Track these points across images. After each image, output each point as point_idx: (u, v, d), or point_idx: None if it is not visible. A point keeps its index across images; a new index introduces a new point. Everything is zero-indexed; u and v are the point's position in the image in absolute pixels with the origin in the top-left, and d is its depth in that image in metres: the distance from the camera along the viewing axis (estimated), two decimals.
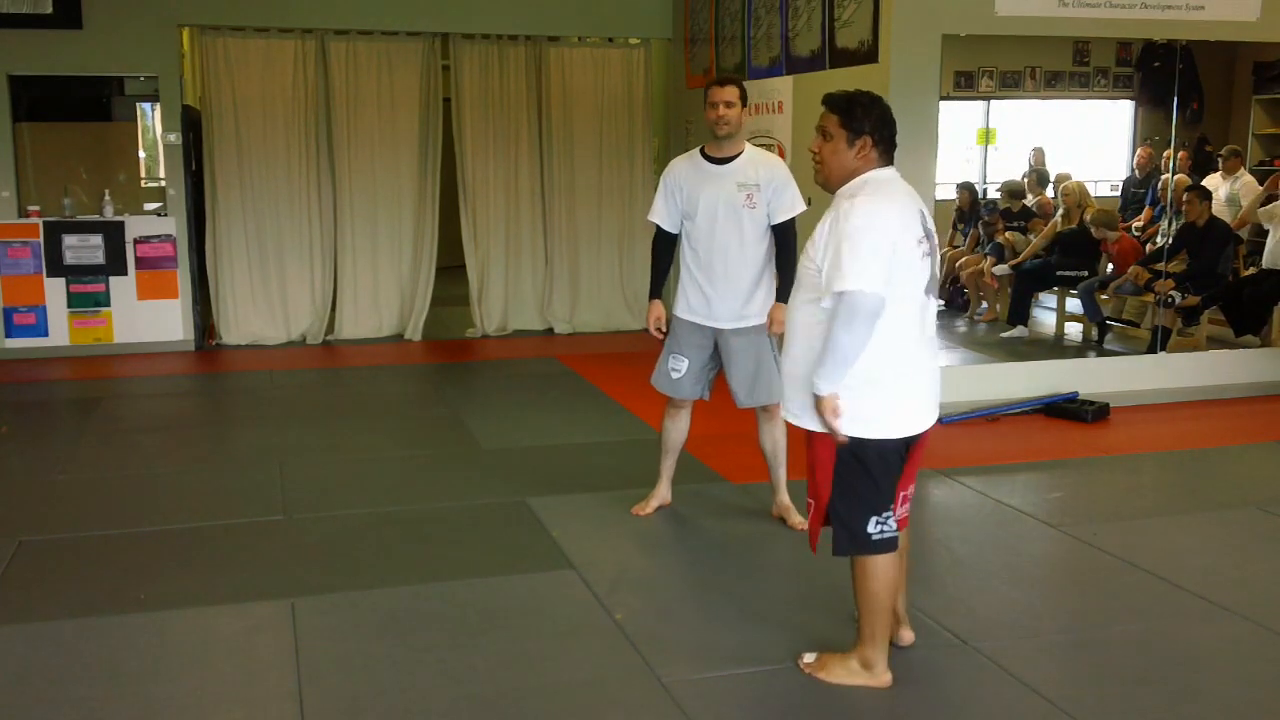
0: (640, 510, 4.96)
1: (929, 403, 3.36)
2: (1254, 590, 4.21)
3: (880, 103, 3.31)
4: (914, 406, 3.30)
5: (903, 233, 3.17)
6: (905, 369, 3.25)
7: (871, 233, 3.12)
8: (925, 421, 3.36)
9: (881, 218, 3.16)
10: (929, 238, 3.28)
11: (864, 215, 3.15)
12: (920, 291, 3.24)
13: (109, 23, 8.31)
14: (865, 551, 3.32)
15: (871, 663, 3.42)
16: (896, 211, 3.20)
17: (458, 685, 3.46)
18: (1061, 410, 6.68)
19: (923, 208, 3.32)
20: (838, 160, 3.30)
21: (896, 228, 3.17)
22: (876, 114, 3.27)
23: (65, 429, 6.71)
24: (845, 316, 3.11)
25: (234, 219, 8.90)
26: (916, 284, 3.23)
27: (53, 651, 3.69)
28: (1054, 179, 9.40)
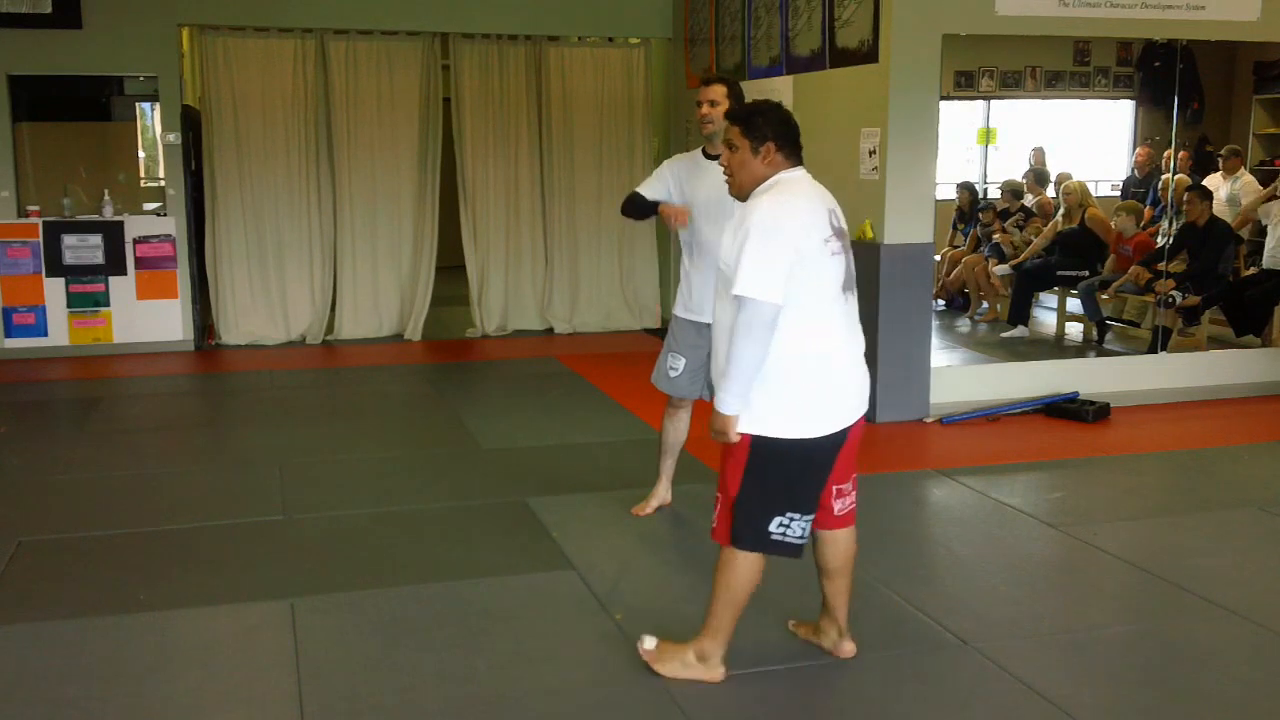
0: (640, 510, 4.96)
1: (851, 399, 3.34)
2: (1254, 590, 4.21)
3: (779, 109, 3.38)
4: (832, 405, 3.27)
5: (806, 233, 3.18)
6: (820, 368, 3.23)
7: (773, 238, 3.13)
8: (847, 418, 3.33)
9: (785, 218, 3.17)
10: (839, 236, 3.30)
11: (769, 214, 3.18)
12: (834, 289, 3.26)
13: (108, 22, 8.31)
14: (763, 549, 3.30)
15: (707, 655, 3.40)
16: (801, 210, 3.22)
17: (458, 685, 3.46)
18: (1062, 410, 6.68)
19: (833, 207, 3.35)
20: (746, 170, 3.34)
21: (797, 228, 3.16)
22: (776, 120, 3.32)
23: (65, 429, 6.70)
24: (743, 327, 3.13)
25: (233, 219, 8.90)
26: (827, 283, 3.23)
27: (53, 651, 3.69)
28: (1054, 179, 9.41)
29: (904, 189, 6.44)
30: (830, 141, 6.97)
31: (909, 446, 6.22)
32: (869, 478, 5.65)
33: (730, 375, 3.17)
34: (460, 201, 9.39)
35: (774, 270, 3.10)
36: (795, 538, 3.29)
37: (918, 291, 6.57)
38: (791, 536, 3.29)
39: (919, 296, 6.58)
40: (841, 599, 3.58)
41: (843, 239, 3.32)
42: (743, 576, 3.34)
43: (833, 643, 3.62)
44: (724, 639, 3.40)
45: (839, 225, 3.33)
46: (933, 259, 6.82)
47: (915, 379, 6.61)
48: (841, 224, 3.35)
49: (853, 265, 3.36)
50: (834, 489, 3.44)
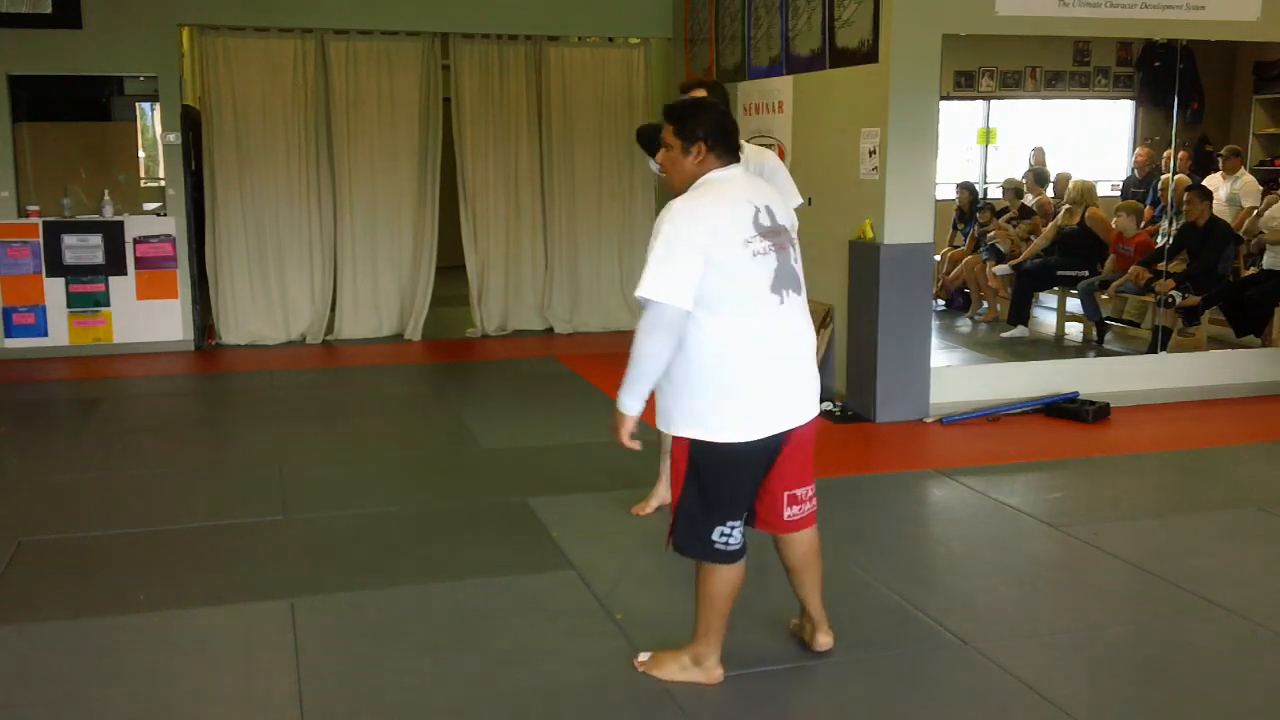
0: (641, 510, 4.96)
1: (788, 402, 3.27)
2: (1254, 590, 4.21)
3: (714, 109, 3.35)
4: (766, 408, 3.21)
5: (717, 236, 3.11)
6: (749, 372, 3.18)
7: (679, 241, 3.10)
8: (783, 422, 3.26)
9: (693, 221, 3.13)
10: (769, 235, 3.20)
11: (678, 217, 3.15)
12: (759, 291, 3.17)
13: (108, 22, 8.30)
14: (708, 559, 3.30)
15: (702, 658, 3.41)
16: (713, 212, 3.16)
17: (458, 685, 3.46)
18: (1062, 410, 6.68)
19: (766, 204, 3.25)
20: (678, 169, 3.32)
21: (705, 231, 3.11)
22: (709, 120, 3.29)
23: (65, 429, 6.70)
24: (644, 328, 3.12)
25: (234, 219, 8.89)
26: (748, 285, 3.16)
27: (53, 651, 3.69)
28: (1053, 178, 9.42)
29: (904, 189, 6.44)
30: (830, 141, 6.98)
31: (909, 446, 6.22)
32: (869, 478, 5.67)
33: (630, 375, 3.17)
34: (460, 201, 9.39)
35: (676, 274, 3.07)
36: (735, 545, 3.30)
37: (918, 291, 6.57)
38: (733, 544, 3.29)
39: (919, 296, 6.58)
40: (810, 593, 3.57)
41: (774, 238, 3.21)
42: (719, 584, 3.34)
43: (810, 636, 3.62)
44: (715, 641, 3.40)
45: (771, 224, 3.22)
46: (933, 259, 6.82)
47: (915, 379, 6.61)
48: (777, 222, 3.25)
49: (793, 264, 3.26)
50: (785, 495, 3.37)
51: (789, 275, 3.24)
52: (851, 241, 6.72)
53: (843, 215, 6.80)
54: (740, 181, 3.31)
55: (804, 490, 3.41)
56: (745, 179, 3.35)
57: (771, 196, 3.33)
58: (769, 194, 3.35)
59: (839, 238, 6.81)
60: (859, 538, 4.73)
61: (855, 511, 5.11)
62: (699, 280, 3.09)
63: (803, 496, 3.41)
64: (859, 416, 6.65)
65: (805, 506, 3.43)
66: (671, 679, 3.43)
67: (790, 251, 3.27)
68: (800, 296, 3.29)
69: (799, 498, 3.40)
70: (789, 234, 3.30)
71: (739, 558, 3.32)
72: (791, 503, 3.39)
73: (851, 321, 6.73)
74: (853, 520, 4.97)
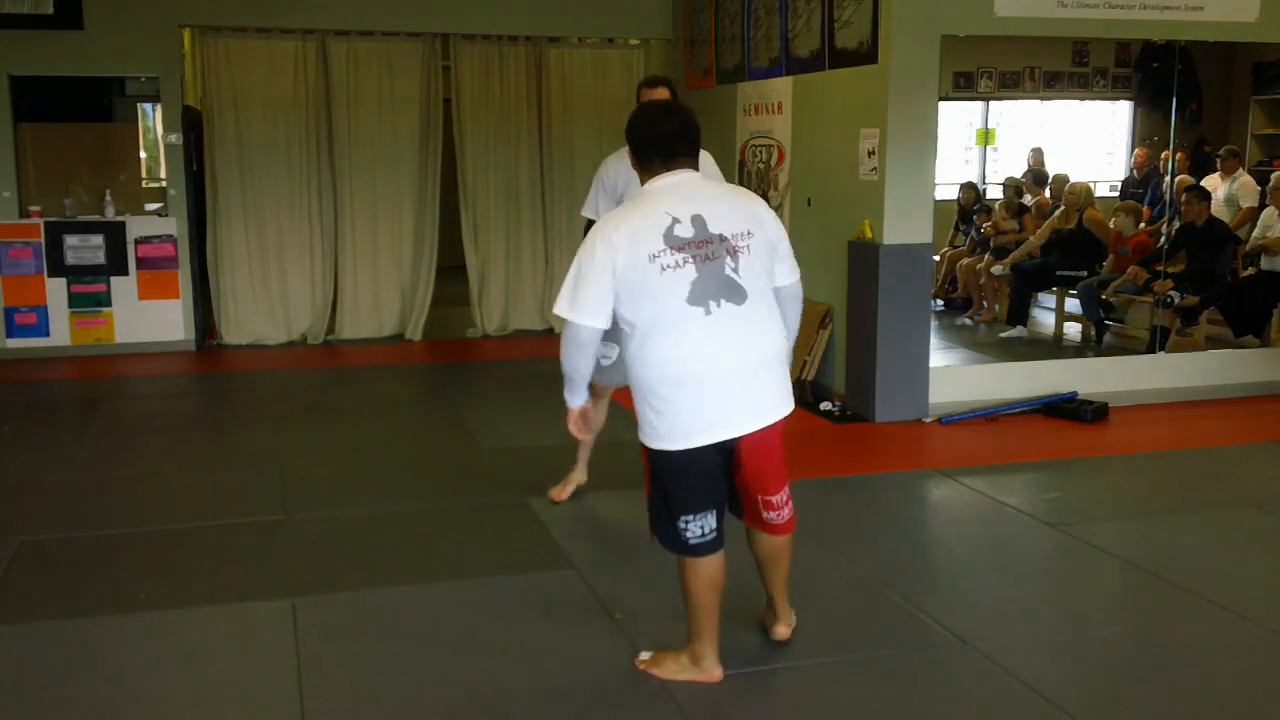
0: (558, 495, 5.08)
1: (727, 411, 3.20)
2: (1254, 590, 4.22)
3: (637, 118, 3.36)
4: (701, 419, 3.19)
5: (620, 254, 3.13)
6: (677, 385, 3.16)
7: (590, 262, 3.16)
8: (723, 431, 3.21)
9: (599, 240, 3.17)
10: (686, 246, 3.14)
11: (594, 239, 3.20)
12: (674, 304, 3.13)
13: (110, 23, 8.31)
14: (679, 552, 3.36)
15: (700, 657, 3.43)
16: (625, 229, 3.16)
17: (458, 685, 3.47)
18: (1061, 410, 6.68)
19: (695, 213, 3.18)
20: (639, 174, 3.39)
21: (607, 250, 3.14)
22: (634, 131, 3.34)
23: (66, 429, 6.71)
24: (563, 340, 3.27)
25: (235, 219, 8.90)
26: (661, 298, 3.13)
27: (53, 651, 3.69)
28: (1051, 179, 9.42)
29: (903, 190, 6.44)
30: (830, 142, 6.99)
31: (908, 446, 6.23)
32: (868, 478, 5.68)
33: (566, 381, 3.37)
34: (460, 202, 9.40)
35: (583, 293, 3.16)
36: (696, 538, 3.32)
37: (917, 292, 6.57)
38: (693, 538, 3.32)
39: (918, 297, 6.59)
40: (775, 587, 3.61)
41: (690, 249, 3.14)
42: (698, 579, 3.36)
43: (770, 624, 3.69)
44: (710, 639, 3.41)
45: (696, 234, 3.15)
46: (932, 259, 6.83)
47: (914, 379, 6.61)
48: (707, 231, 3.17)
49: (728, 273, 3.17)
50: (760, 499, 3.38)
51: (717, 285, 3.16)
52: (851, 242, 6.72)
53: (842, 216, 6.81)
54: (670, 191, 3.25)
55: (777, 497, 3.41)
56: (683, 186, 3.27)
57: (712, 203, 3.25)
58: (711, 200, 3.26)
59: (838, 238, 6.82)
60: (859, 538, 4.74)
61: (855, 511, 5.12)
62: (610, 298, 3.16)
63: (778, 503, 3.42)
64: (858, 416, 6.66)
65: (783, 512, 3.44)
66: (671, 678, 3.44)
67: (724, 261, 3.17)
68: (741, 305, 3.18)
69: (774, 504, 3.41)
70: (728, 242, 3.19)
71: (711, 550, 3.34)
72: (768, 508, 3.42)
73: (851, 322, 6.74)
74: (853, 520, 4.98)
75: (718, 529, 3.34)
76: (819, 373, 7.04)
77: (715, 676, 3.42)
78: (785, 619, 3.68)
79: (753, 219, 3.28)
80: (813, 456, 5.89)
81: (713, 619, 3.39)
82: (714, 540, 3.33)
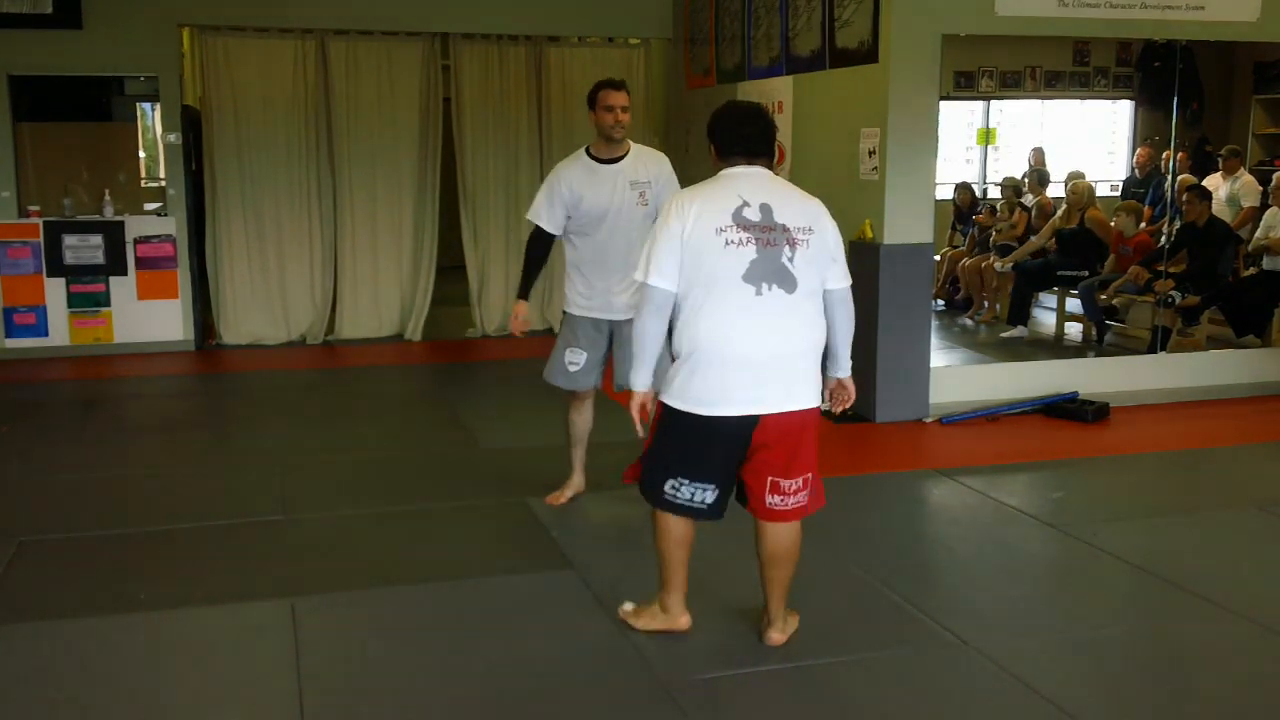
0: (556, 500, 5.08)
1: (750, 390, 3.39)
2: (1254, 590, 4.21)
3: (722, 114, 3.59)
4: (721, 390, 3.38)
5: (692, 224, 3.37)
6: (709, 353, 3.37)
7: (665, 230, 3.41)
8: (743, 407, 3.40)
9: (674, 214, 3.42)
10: (749, 228, 3.38)
11: (669, 210, 3.46)
12: (730, 278, 3.35)
13: (109, 22, 8.30)
14: (654, 504, 3.57)
15: (667, 606, 3.68)
16: (700, 203, 3.41)
17: (458, 685, 3.46)
18: (1062, 410, 6.68)
19: (763, 201, 3.42)
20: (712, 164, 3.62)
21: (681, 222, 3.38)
22: (716, 124, 3.58)
23: (65, 429, 6.70)
24: (639, 305, 3.49)
25: (234, 219, 8.89)
26: (719, 274, 3.36)
27: (53, 651, 3.69)
28: (1067, 177, 9.40)
29: (904, 189, 6.44)
30: (830, 141, 6.98)
31: (909, 446, 6.23)
32: (869, 478, 5.67)
33: (635, 354, 3.51)
34: (460, 201, 9.39)
35: (658, 258, 3.40)
36: (684, 500, 3.50)
37: (917, 291, 6.57)
38: (681, 499, 3.51)
39: (919, 296, 6.59)
40: (773, 591, 3.65)
41: (759, 231, 3.38)
42: (659, 533, 3.62)
43: (763, 629, 3.70)
44: (675, 590, 3.65)
45: (761, 219, 3.39)
46: (932, 259, 6.82)
47: (915, 379, 6.61)
48: (772, 219, 3.40)
49: (784, 261, 3.39)
50: (769, 480, 3.48)
51: (773, 270, 3.37)
52: (851, 241, 6.71)
53: (842, 215, 6.71)
54: (745, 178, 3.49)
55: (790, 482, 3.50)
56: (757, 177, 3.50)
57: (780, 197, 3.47)
58: (779, 194, 3.48)
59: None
60: (859, 538, 4.73)
61: (855, 511, 5.11)
62: (678, 263, 3.39)
63: (787, 489, 3.50)
64: (859, 416, 6.65)
65: (790, 500, 3.52)
66: (644, 628, 3.71)
67: (782, 249, 3.38)
68: (790, 294, 3.39)
69: (783, 488, 3.50)
70: (790, 233, 3.40)
71: (683, 513, 3.54)
72: (774, 490, 3.50)
73: None
74: (853, 520, 4.97)
75: (710, 505, 3.52)
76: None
77: (682, 625, 3.67)
78: (778, 625, 3.69)
79: (816, 220, 3.50)
80: None
81: (680, 572, 3.64)
82: (702, 510, 3.53)
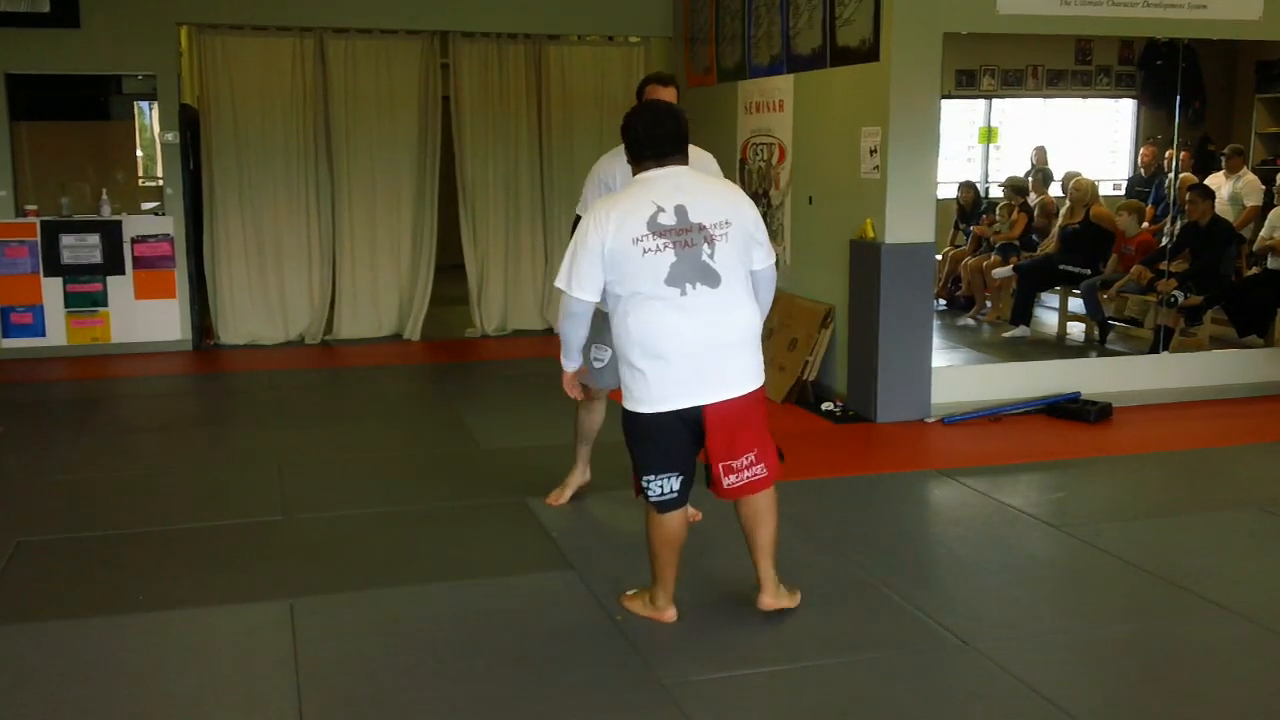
0: (556, 500, 5.06)
1: (691, 382, 3.56)
2: (1254, 590, 4.20)
3: (631, 117, 3.69)
4: (666, 387, 3.55)
5: (609, 236, 3.50)
6: (647, 353, 3.54)
7: (584, 244, 3.56)
8: (686, 399, 3.56)
9: (590, 224, 3.55)
10: (667, 233, 3.49)
11: (588, 221, 3.59)
12: (653, 284, 3.50)
13: (106, 21, 8.29)
14: (648, 505, 3.73)
15: (655, 598, 3.85)
16: (614, 214, 3.53)
17: (457, 685, 3.45)
18: (1064, 410, 6.66)
19: (679, 203, 3.52)
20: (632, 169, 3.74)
21: (596, 233, 3.52)
22: (631, 133, 3.67)
23: (63, 429, 6.69)
24: (560, 312, 3.73)
25: (232, 218, 8.88)
26: (640, 278, 3.51)
27: (53, 651, 3.68)
28: (1058, 178, 9.41)
29: (905, 188, 6.42)
30: (831, 141, 6.97)
31: (910, 446, 6.21)
32: (870, 478, 5.66)
33: (562, 347, 3.86)
34: (460, 201, 9.38)
35: (576, 269, 3.57)
36: (656, 495, 3.68)
37: (919, 291, 6.55)
38: (653, 494, 3.69)
39: (920, 296, 6.57)
40: (759, 555, 3.83)
41: (671, 235, 3.49)
42: (656, 532, 3.75)
43: (756, 595, 3.87)
44: (663, 586, 3.80)
45: (676, 223, 3.51)
46: (934, 259, 6.81)
47: (916, 379, 6.60)
48: (687, 220, 3.51)
49: (704, 259, 3.51)
50: (720, 466, 3.66)
51: (694, 269, 3.52)
52: (852, 241, 6.70)
53: (843, 214, 6.79)
54: (658, 182, 3.59)
55: (738, 461, 3.67)
56: (671, 178, 3.60)
57: (695, 195, 3.57)
58: (693, 192, 3.58)
59: (840, 237, 6.80)
60: (859, 538, 4.72)
61: (855, 511, 5.10)
62: (600, 276, 3.56)
63: (738, 467, 3.68)
64: (860, 416, 6.64)
65: (743, 475, 3.69)
66: (637, 613, 3.88)
67: (701, 248, 3.52)
68: (715, 289, 3.53)
69: (733, 468, 3.68)
70: (707, 230, 3.54)
71: (670, 508, 3.70)
72: (727, 473, 3.68)
73: (853, 321, 6.72)
74: (853, 520, 4.96)
75: (678, 491, 3.69)
76: (820, 373, 7.01)
77: (668, 617, 3.83)
78: (769, 589, 3.85)
79: (732, 209, 3.62)
80: (814, 457, 5.87)
81: (669, 569, 3.79)
82: (673, 500, 3.70)
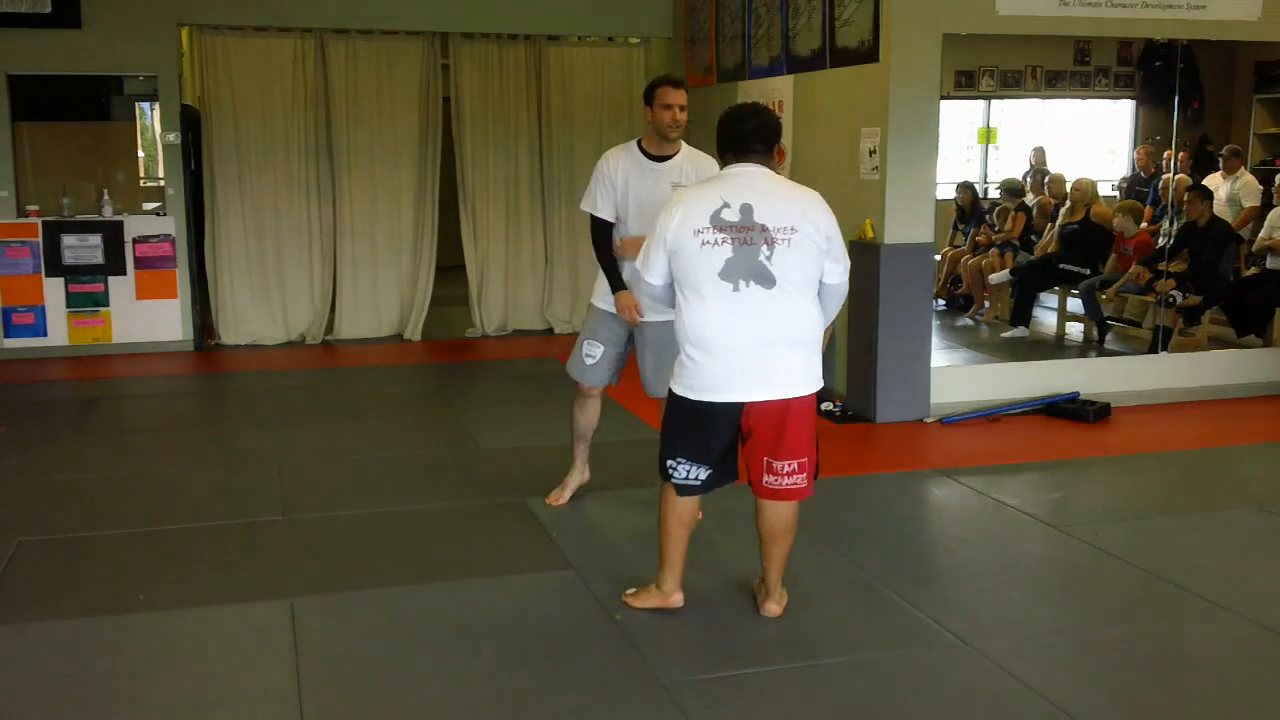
0: (556, 500, 5.05)
1: (737, 378, 3.60)
2: (1254, 590, 4.21)
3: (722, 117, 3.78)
4: (712, 378, 3.61)
5: (673, 227, 3.61)
6: (697, 343, 3.61)
7: (656, 231, 3.68)
8: (730, 394, 3.61)
9: (663, 215, 3.68)
10: (726, 229, 3.56)
11: (662, 210, 3.73)
12: (708, 277, 3.57)
13: (108, 22, 8.30)
14: (663, 477, 3.79)
15: (662, 582, 3.88)
16: (683, 205, 3.64)
17: (457, 685, 3.46)
18: (1063, 410, 6.67)
19: (745, 201, 3.58)
20: None
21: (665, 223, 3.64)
22: (721, 128, 3.76)
23: (65, 429, 6.70)
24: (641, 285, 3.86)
25: (233, 218, 8.89)
26: (699, 271, 3.58)
27: (53, 651, 3.68)
28: (1047, 180, 9.41)
29: (904, 189, 6.43)
30: (830, 141, 6.97)
31: (910, 446, 6.22)
32: (869, 478, 5.66)
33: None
34: (460, 201, 9.38)
35: (651, 257, 3.70)
36: (680, 478, 3.73)
37: (918, 291, 6.56)
38: (678, 476, 3.74)
39: (919, 296, 6.58)
40: (772, 564, 3.85)
41: (731, 231, 3.56)
42: (668, 512, 3.80)
43: (761, 601, 3.90)
44: (672, 569, 3.84)
45: (739, 220, 3.57)
46: (933, 259, 6.81)
47: (916, 379, 6.60)
48: (742, 219, 3.56)
49: (761, 259, 3.56)
50: (764, 460, 3.68)
51: (749, 268, 3.55)
52: (852, 241, 6.71)
53: (843, 215, 6.69)
54: (732, 179, 3.68)
55: (783, 464, 3.68)
56: (744, 177, 3.66)
57: (765, 196, 3.61)
58: (764, 193, 3.62)
59: None
60: (859, 538, 4.73)
61: (855, 511, 5.11)
62: (665, 261, 3.66)
63: (780, 469, 3.68)
64: (860, 417, 6.64)
65: (783, 480, 3.70)
66: (641, 605, 3.89)
67: (759, 248, 3.55)
68: (769, 289, 3.56)
69: (776, 469, 3.68)
70: (768, 232, 3.56)
71: (684, 493, 3.76)
72: (769, 471, 3.69)
73: (852, 322, 6.73)
74: (853, 520, 4.97)
75: (703, 481, 3.74)
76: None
77: (674, 602, 3.86)
78: (775, 597, 3.88)
79: (803, 218, 3.62)
80: None
81: (678, 550, 3.82)
82: (695, 486, 3.75)
